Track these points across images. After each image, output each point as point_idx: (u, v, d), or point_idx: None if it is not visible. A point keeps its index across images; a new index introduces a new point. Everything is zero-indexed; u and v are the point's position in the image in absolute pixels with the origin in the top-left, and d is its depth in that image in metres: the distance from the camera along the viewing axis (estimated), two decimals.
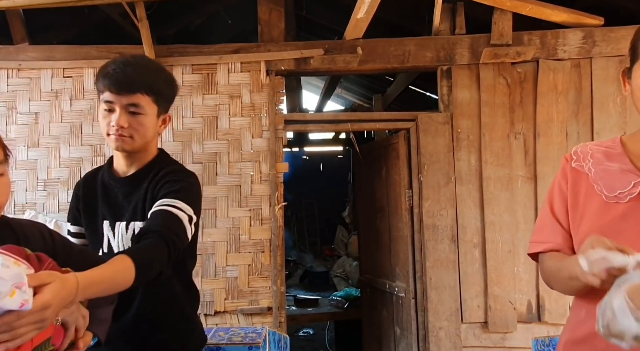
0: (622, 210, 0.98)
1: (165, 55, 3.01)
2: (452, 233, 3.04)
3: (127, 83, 1.31)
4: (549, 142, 2.98)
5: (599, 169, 1.05)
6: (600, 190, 1.02)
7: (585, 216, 1.04)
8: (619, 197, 0.99)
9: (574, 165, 1.10)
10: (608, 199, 1.01)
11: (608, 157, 1.06)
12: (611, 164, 1.04)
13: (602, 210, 1.01)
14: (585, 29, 2.96)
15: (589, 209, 1.04)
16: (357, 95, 6.87)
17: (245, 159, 3.04)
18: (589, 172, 1.06)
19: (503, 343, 3.01)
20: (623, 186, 0.99)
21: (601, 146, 1.09)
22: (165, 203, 1.28)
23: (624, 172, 1.01)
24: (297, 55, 3.01)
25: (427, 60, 3.06)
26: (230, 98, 3.05)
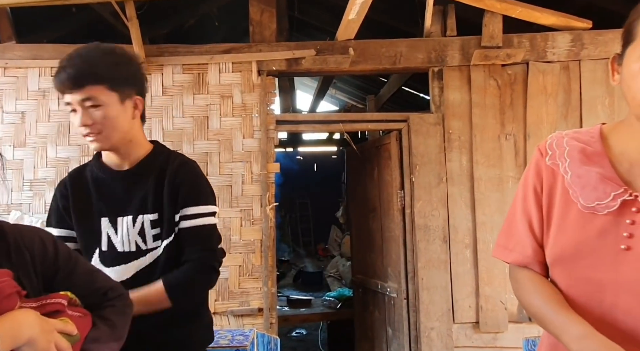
0: (600, 226, 0.88)
1: (156, 55, 3.00)
2: (444, 233, 3.05)
3: (73, 79, 1.23)
4: (539, 143, 2.98)
5: (575, 173, 0.93)
6: (576, 198, 0.92)
7: (561, 226, 0.94)
8: (596, 209, 0.89)
9: (549, 163, 0.97)
10: (584, 209, 0.90)
11: (587, 156, 0.93)
12: (590, 167, 0.92)
13: (579, 222, 0.91)
14: (574, 32, 2.99)
15: (565, 219, 0.93)
16: (350, 96, 6.88)
17: (236, 159, 3.03)
18: (565, 174, 0.94)
19: (494, 343, 3.02)
20: (601, 197, 0.88)
21: (579, 141, 0.96)
22: (192, 215, 1.33)
23: (604, 179, 0.89)
24: (288, 55, 3.01)
25: (419, 61, 3.07)
26: (221, 98, 3.04)
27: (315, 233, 8.30)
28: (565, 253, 0.91)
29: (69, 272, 0.99)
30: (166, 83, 3.03)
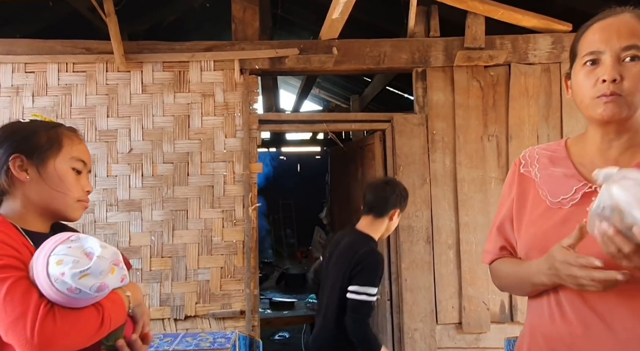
0: (564, 215, 0.99)
1: (135, 52, 2.92)
2: (427, 234, 3.04)
3: None
4: (521, 144, 3.02)
5: (544, 174, 1.06)
6: (544, 196, 1.04)
7: (531, 221, 1.05)
8: (562, 203, 1.00)
9: (522, 171, 1.11)
10: (552, 204, 1.02)
11: (553, 161, 1.07)
12: (556, 169, 1.05)
13: (546, 215, 1.03)
14: (555, 35, 3.02)
15: (535, 214, 1.05)
16: (335, 96, 6.86)
17: (218, 159, 2.98)
18: (535, 178, 1.07)
19: (477, 343, 3.03)
20: (566, 192, 1.00)
21: (547, 150, 1.11)
22: None
23: (567, 177, 1.02)
24: (271, 54, 2.97)
25: (403, 61, 3.06)
26: (203, 97, 2.99)
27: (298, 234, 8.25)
28: (536, 240, 1.02)
29: None
30: (146, 81, 2.96)
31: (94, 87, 2.94)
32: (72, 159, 1.08)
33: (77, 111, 2.93)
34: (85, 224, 2.88)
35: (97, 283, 0.89)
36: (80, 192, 1.09)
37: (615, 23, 0.96)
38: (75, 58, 2.92)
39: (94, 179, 2.91)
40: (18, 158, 1.02)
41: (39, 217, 1.05)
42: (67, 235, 0.95)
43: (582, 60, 0.98)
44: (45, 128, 1.08)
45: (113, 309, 0.96)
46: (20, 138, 1.04)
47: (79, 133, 1.14)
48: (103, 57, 2.92)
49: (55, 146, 1.06)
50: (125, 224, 2.91)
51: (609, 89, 0.93)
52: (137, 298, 1.06)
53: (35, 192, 1.03)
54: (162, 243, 2.92)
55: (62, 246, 0.91)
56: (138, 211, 2.92)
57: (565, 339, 0.96)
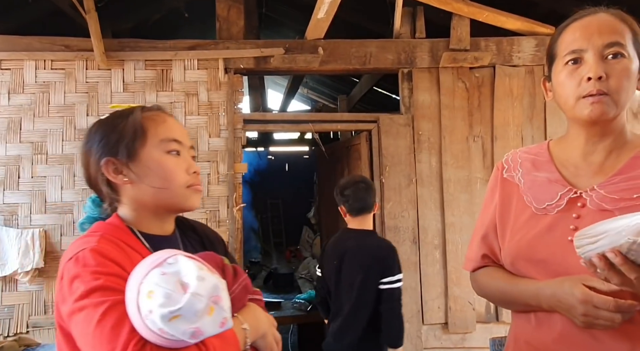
0: (549, 221, 0.97)
1: (116, 49, 2.87)
2: (414, 234, 3.04)
3: None
4: (506, 145, 3.03)
5: (528, 179, 1.04)
6: (529, 202, 1.01)
7: (516, 228, 1.03)
8: (548, 209, 0.98)
9: (506, 176, 1.08)
10: (537, 211, 0.99)
11: (536, 165, 1.04)
12: (539, 174, 1.02)
13: (531, 222, 1.00)
14: (538, 37, 3.04)
15: (519, 220, 1.02)
16: (323, 96, 6.84)
17: (202, 159, 2.94)
18: (519, 183, 1.05)
19: (463, 343, 3.03)
20: (551, 198, 0.98)
21: (530, 153, 1.08)
22: None
23: (552, 182, 0.99)
24: (256, 53, 2.94)
25: (389, 62, 3.05)
26: (187, 96, 2.94)
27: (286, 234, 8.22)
28: (521, 249, 0.99)
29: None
30: (127, 79, 2.91)
31: (73, 85, 2.88)
32: (162, 142, 0.92)
33: (56, 109, 2.87)
34: (63, 225, 2.83)
35: (191, 329, 0.71)
36: (186, 176, 0.92)
37: (595, 21, 0.94)
38: (54, 55, 2.86)
39: (73, 179, 2.85)
40: (109, 162, 0.91)
41: (154, 217, 0.93)
42: (165, 256, 0.77)
43: (564, 60, 0.95)
44: (123, 118, 0.93)
45: (222, 348, 0.78)
46: (103, 139, 0.92)
47: (163, 109, 0.99)
48: (83, 55, 2.86)
49: (139, 134, 0.91)
50: None
51: (595, 88, 0.90)
52: (259, 329, 0.89)
53: (139, 191, 0.91)
54: None
55: (157, 271, 0.74)
56: None
57: (548, 347, 0.95)
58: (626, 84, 0.90)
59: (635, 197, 0.89)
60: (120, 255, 0.83)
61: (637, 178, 0.91)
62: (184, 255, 0.78)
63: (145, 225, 0.93)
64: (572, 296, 0.86)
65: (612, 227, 0.74)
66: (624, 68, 0.90)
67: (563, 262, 0.91)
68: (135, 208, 0.92)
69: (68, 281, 0.79)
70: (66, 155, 2.86)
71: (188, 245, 0.98)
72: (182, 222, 1.04)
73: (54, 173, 2.84)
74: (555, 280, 0.91)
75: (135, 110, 0.95)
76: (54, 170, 2.84)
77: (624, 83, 0.90)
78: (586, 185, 0.96)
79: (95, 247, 0.82)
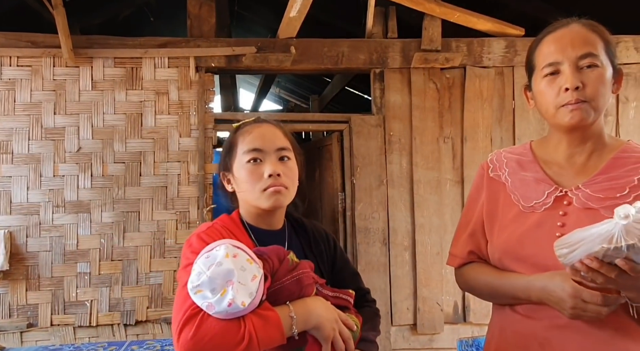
0: (537, 219, 1.01)
1: (85, 46, 2.81)
2: (384, 236, 3.05)
3: None
4: (475, 146, 3.07)
5: (515, 179, 1.08)
6: (517, 200, 1.06)
7: (503, 225, 1.07)
8: (535, 207, 1.02)
9: (492, 175, 1.13)
10: (525, 209, 1.04)
11: (521, 165, 1.09)
12: (525, 173, 1.07)
13: (519, 219, 1.04)
14: (508, 39, 3.08)
15: (507, 218, 1.07)
16: (295, 96, 6.83)
17: (172, 159, 2.90)
18: (506, 182, 1.09)
19: (431, 344, 3.06)
20: (538, 196, 1.03)
21: (514, 153, 1.13)
22: None
23: (538, 181, 1.04)
24: (228, 52, 2.91)
25: (361, 62, 3.06)
26: (157, 94, 2.90)
27: None
28: (509, 245, 1.03)
29: (341, 268, 1.17)
30: (96, 77, 2.85)
31: (40, 83, 2.81)
32: (245, 154, 1.06)
33: (21, 107, 2.80)
34: (29, 226, 2.76)
35: (206, 303, 0.87)
36: (261, 181, 1.04)
37: (568, 33, 1.00)
38: (20, 51, 2.79)
39: (39, 180, 2.79)
40: (223, 174, 1.13)
41: (258, 215, 1.09)
42: (216, 244, 0.94)
43: (542, 73, 1.01)
44: (231, 135, 1.13)
45: (262, 328, 0.90)
46: (222, 156, 1.14)
47: (258, 120, 1.13)
48: (50, 51, 2.79)
49: (232, 149, 1.10)
50: (73, 226, 2.80)
51: (573, 97, 0.96)
52: (310, 320, 0.96)
53: (241, 196, 1.10)
54: (112, 245, 2.82)
55: (204, 256, 0.92)
56: (87, 212, 2.81)
57: (538, 334, 0.98)
58: (602, 91, 0.97)
59: (619, 196, 0.95)
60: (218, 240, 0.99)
61: (618, 178, 0.97)
62: (228, 244, 0.92)
63: (254, 221, 1.10)
64: (563, 291, 0.91)
65: (586, 235, 0.79)
66: (598, 76, 0.96)
67: (550, 257, 0.93)
68: (244, 208, 1.11)
69: (182, 257, 1.03)
70: (32, 154, 2.79)
71: (295, 241, 1.13)
72: (297, 220, 1.18)
73: (20, 173, 2.77)
74: (545, 274, 0.95)
75: (241, 126, 1.12)
76: (19, 170, 2.77)
77: (600, 90, 0.96)
78: (570, 184, 1.01)
79: (202, 233, 1.03)
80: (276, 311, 0.93)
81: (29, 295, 2.75)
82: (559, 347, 0.96)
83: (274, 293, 0.95)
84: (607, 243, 0.76)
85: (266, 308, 0.92)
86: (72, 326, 2.78)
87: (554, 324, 0.97)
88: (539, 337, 0.99)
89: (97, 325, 2.79)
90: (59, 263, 2.78)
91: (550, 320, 0.97)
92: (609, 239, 0.76)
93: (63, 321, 2.77)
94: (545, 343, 0.98)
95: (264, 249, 0.99)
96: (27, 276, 2.75)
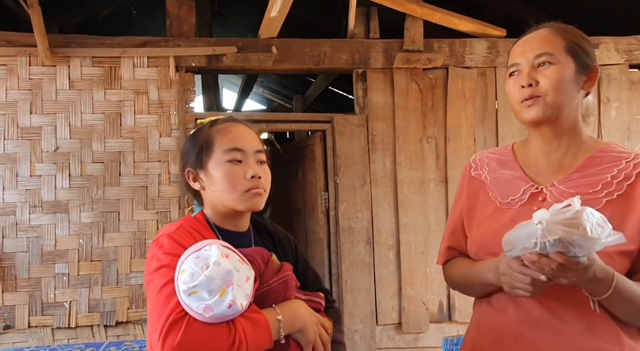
0: (512, 215, 1.04)
1: (62, 46, 2.77)
2: (368, 235, 3.04)
3: None
4: (459, 146, 3.07)
5: (493, 177, 1.13)
6: (495, 197, 1.10)
7: (481, 220, 1.11)
8: (511, 204, 1.06)
9: (473, 174, 1.18)
10: (502, 205, 1.08)
11: (501, 164, 1.14)
12: (504, 172, 1.12)
13: (495, 215, 1.08)
14: (490, 40, 3.10)
15: (485, 214, 1.11)
16: (279, 96, 6.82)
17: (153, 159, 2.87)
18: (485, 180, 1.14)
19: (416, 343, 3.05)
20: (514, 193, 1.07)
21: (495, 154, 1.18)
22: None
23: (515, 179, 1.09)
24: (208, 51, 2.89)
25: (343, 62, 3.05)
26: (136, 94, 2.87)
27: None
28: (486, 240, 1.07)
29: (303, 270, 1.15)
30: (73, 76, 2.81)
31: (16, 82, 2.76)
32: (225, 153, 1.03)
33: None
34: (5, 227, 2.71)
35: (203, 305, 0.83)
36: (244, 182, 1.02)
37: (531, 37, 1.07)
38: None
39: (16, 180, 2.73)
40: (188, 172, 1.07)
41: (226, 216, 1.06)
42: (204, 244, 0.90)
43: (508, 73, 1.10)
44: (200, 132, 1.08)
45: (252, 331, 0.88)
46: (186, 151, 1.09)
47: (233, 120, 1.10)
48: (26, 50, 2.75)
49: (208, 146, 1.04)
50: (51, 227, 2.75)
51: (527, 93, 1.03)
52: (296, 323, 0.96)
53: (211, 196, 1.05)
54: (91, 246, 2.78)
55: (194, 255, 0.88)
56: (65, 213, 2.77)
57: (511, 329, 1.01)
58: (558, 86, 1.01)
59: (591, 192, 0.99)
60: (192, 242, 0.95)
61: (593, 175, 1.01)
62: (218, 244, 0.90)
63: (221, 222, 1.07)
64: (501, 259, 0.97)
65: (519, 234, 0.86)
66: (553, 72, 1.01)
67: None
68: (212, 208, 1.07)
69: (149, 258, 0.98)
70: (8, 154, 2.74)
71: (260, 243, 1.10)
72: (259, 223, 1.16)
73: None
74: (500, 256, 0.99)
75: (213, 123, 1.08)
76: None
77: (554, 85, 1.01)
78: (547, 182, 1.05)
79: (172, 233, 0.98)
80: (264, 314, 0.91)
81: (5, 297, 2.70)
82: (531, 342, 0.98)
83: (261, 296, 0.94)
84: (532, 243, 0.83)
85: (254, 311, 0.90)
86: (50, 328, 2.73)
87: (526, 319, 0.99)
88: (512, 331, 1.01)
89: (77, 326, 2.74)
90: (36, 264, 2.73)
91: (522, 315, 1.00)
92: (535, 239, 0.83)
93: (41, 322, 2.72)
94: (518, 337, 1.00)
95: (247, 251, 0.97)
96: (3, 277, 2.69)
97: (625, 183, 0.98)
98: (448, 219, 1.24)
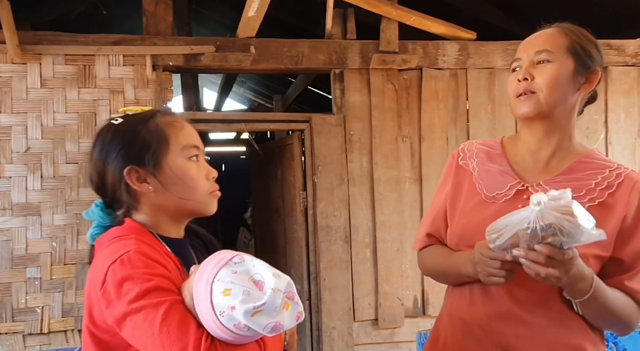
0: (496, 209, 1.05)
1: (33, 43, 2.69)
2: (345, 233, 3.10)
3: None
4: (432, 145, 3.17)
5: (481, 169, 1.13)
6: (481, 189, 1.11)
7: (464, 212, 1.12)
8: (496, 198, 1.07)
9: (461, 163, 1.17)
10: (487, 198, 1.09)
11: (490, 157, 1.14)
12: (492, 165, 1.12)
13: (480, 207, 1.09)
14: (461, 42, 3.20)
15: (469, 205, 1.12)
16: (259, 96, 6.79)
17: None
18: (473, 171, 1.14)
19: (392, 338, 3.13)
20: (500, 188, 1.08)
21: (485, 146, 1.18)
22: None
23: (502, 173, 1.10)
24: (186, 50, 2.86)
25: (320, 62, 3.09)
26: (111, 93, 2.81)
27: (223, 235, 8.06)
28: (467, 232, 1.08)
29: None
30: (45, 74, 2.73)
31: None
32: (184, 149, 0.93)
33: None
34: None
35: (272, 323, 0.73)
36: (207, 182, 0.94)
37: (536, 35, 1.09)
38: None
39: None
40: (132, 170, 0.90)
41: (173, 222, 0.95)
42: (229, 256, 0.79)
43: (510, 68, 1.12)
44: (144, 124, 0.92)
45: (274, 345, 0.83)
46: (124, 146, 0.91)
47: (176, 113, 0.99)
48: None
49: (162, 141, 0.91)
50: (21, 230, 2.67)
51: (522, 88, 1.05)
52: (294, 335, 0.97)
53: (163, 198, 0.91)
54: (64, 249, 2.71)
55: (226, 270, 0.76)
56: (36, 215, 2.69)
57: (481, 320, 1.04)
58: (553, 84, 1.02)
59: (575, 197, 0.98)
60: (158, 256, 0.84)
61: (577, 180, 1.03)
62: (247, 255, 0.81)
63: (164, 229, 0.94)
64: (475, 249, 0.98)
65: (509, 221, 0.88)
66: (549, 70, 1.03)
67: None
68: (155, 214, 0.93)
69: (116, 284, 0.78)
70: None
71: (195, 248, 1.01)
72: (191, 229, 1.06)
73: None
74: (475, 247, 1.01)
75: (155, 115, 0.94)
76: None
77: (549, 83, 1.02)
78: (533, 180, 1.07)
79: (138, 249, 0.82)
80: None
81: None
82: (499, 334, 1.02)
83: None
84: (525, 226, 0.85)
85: None
86: (21, 334, 2.65)
87: (496, 312, 1.03)
88: (482, 323, 1.04)
89: (49, 332, 2.67)
90: (6, 269, 2.64)
91: (492, 307, 1.03)
92: (527, 223, 0.85)
93: (11, 329, 2.64)
94: (487, 329, 1.03)
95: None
96: None
97: (607, 191, 1.01)
98: (430, 205, 1.23)
